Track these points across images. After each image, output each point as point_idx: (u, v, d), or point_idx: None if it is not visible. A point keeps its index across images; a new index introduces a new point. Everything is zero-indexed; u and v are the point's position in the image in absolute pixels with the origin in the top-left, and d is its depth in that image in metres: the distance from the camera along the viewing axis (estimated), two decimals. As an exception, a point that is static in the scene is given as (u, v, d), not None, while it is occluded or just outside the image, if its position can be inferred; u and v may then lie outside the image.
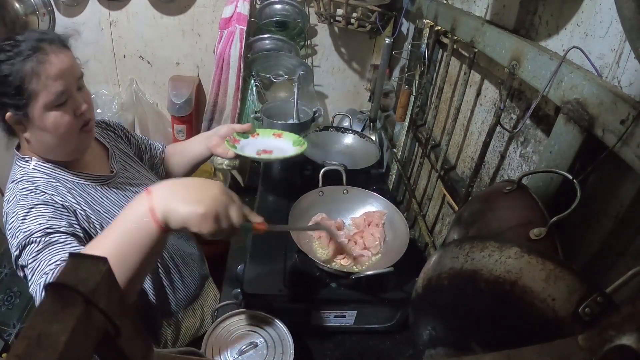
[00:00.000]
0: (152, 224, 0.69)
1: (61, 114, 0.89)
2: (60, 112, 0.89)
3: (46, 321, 0.30)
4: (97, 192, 1.02)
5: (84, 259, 0.35)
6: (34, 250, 0.82)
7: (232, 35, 1.98)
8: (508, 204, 0.72)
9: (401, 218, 1.21)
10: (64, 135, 0.92)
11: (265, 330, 0.97)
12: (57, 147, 0.94)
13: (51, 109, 0.88)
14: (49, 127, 0.89)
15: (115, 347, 0.36)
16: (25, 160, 0.96)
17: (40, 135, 0.91)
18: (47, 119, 0.88)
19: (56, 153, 0.96)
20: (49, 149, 0.94)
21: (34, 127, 0.90)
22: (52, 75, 0.86)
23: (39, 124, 0.89)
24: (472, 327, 0.59)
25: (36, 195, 0.89)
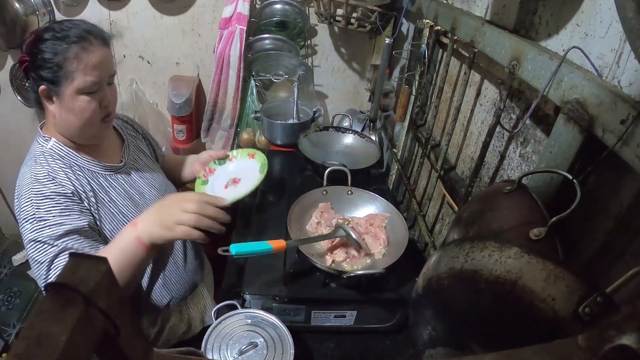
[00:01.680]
0: (141, 248, 0.92)
1: (89, 101, 0.98)
2: (89, 98, 0.98)
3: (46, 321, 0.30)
4: (105, 181, 1.08)
5: (84, 259, 0.35)
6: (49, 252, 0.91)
7: (232, 35, 1.98)
8: (508, 204, 0.72)
9: (401, 219, 1.21)
10: (87, 121, 1.00)
11: (265, 330, 0.97)
12: (78, 130, 1.02)
13: (82, 93, 0.96)
14: (76, 109, 0.97)
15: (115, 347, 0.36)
16: (45, 140, 1.03)
17: (66, 114, 0.99)
18: (76, 101, 0.97)
19: (76, 135, 1.03)
20: (70, 129, 1.02)
21: (62, 106, 0.97)
22: (90, 64, 0.95)
23: (68, 104, 0.97)
24: (472, 327, 0.59)
25: (49, 184, 0.96)
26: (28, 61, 0.97)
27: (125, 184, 1.12)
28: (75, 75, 0.94)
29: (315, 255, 1.11)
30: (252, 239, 1.22)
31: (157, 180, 1.24)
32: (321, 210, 1.28)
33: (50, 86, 0.95)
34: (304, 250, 1.09)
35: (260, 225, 1.32)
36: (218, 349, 0.92)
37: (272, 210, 1.39)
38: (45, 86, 0.95)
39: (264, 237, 1.08)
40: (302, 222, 1.25)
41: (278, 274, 1.11)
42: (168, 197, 1.00)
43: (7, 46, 2.08)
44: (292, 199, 1.28)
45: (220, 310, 1.05)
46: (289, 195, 1.44)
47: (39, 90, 0.96)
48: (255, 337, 0.95)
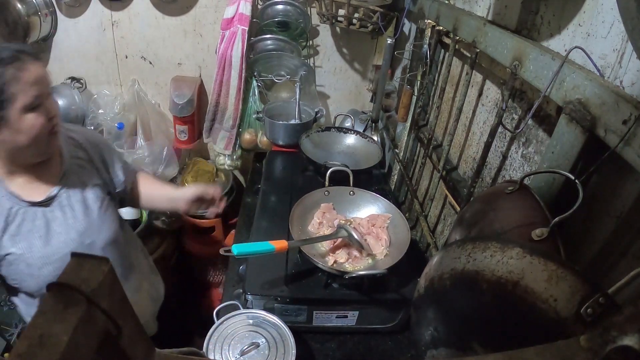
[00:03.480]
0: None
1: (36, 116, 0.96)
2: (35, 114, 0.96)
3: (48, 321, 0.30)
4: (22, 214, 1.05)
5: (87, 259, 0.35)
6: None
7: (234, 35, 1.98)
8: (510, 205, 0.72)
9: (403, 220, 1.21)
10: (36, 137, 0.97)
11: (267, 330, 0.97)
12: (27, 148, 0.99)
13: (27, 111, 0.94)
14: (25, 127, 0.95)
15: (116, 347, 0.36)
16: None
17: (15, 136, 0.96)
18: (23, 120, 0.94)
19: (25, 154, 1.01)
20: (19, 150, 0.99)
21: (9, 129, 0.94)
22: (30, 81, 0.94)
23: (15, 125, 0.94)
24: (474, 328, 0.59)
25: None
26: None
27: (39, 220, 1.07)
28: (18, 96, 0.92)
29: (317, 256, 1.11)
30: (254, 239, 1.22)
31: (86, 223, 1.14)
32: (323, 210, 1.28)
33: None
34: (306, 251, 1.09)
35: (262, 226, 1.32)
36: (220, 349, 0.92)
37: (274, 211, 1.39)
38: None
39: (266, 237, 1.08)
40: (304, 222, 1.25)
41: (280, 275, 1.11)
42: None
43: (10, 47, 2.09)
44: (294, 200, 1.28)
45: (222, 311, 1.06)
46: (290, 195, 1.44)
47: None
48: (257, 337, 0.95)
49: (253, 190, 1.74)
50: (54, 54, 2.23)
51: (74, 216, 1.12)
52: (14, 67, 0.92)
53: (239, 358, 0.91)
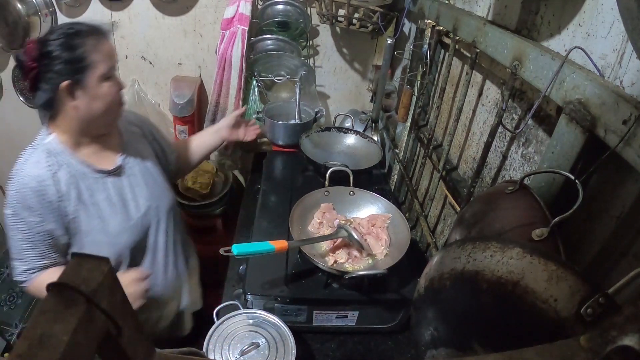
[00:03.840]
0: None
1: (111, 85, 1.07)
2: (111, 83, 1.07)
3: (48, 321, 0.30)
4: (94, 184, 1.11)
5: (87, 259, 0.35)
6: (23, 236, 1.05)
7: (234, 35, 1.98)
8: (510, 205, 0.72)
9: (403, 220, 1.21)
10: (110, 104, 1.08)
11: (267, 330, 0.97)
12: (101, 115, 1.08)
13: (104, 80, 1.05)
14: (102, 94, 1.05)
15: (117, 347, 0.36)
16: (46, 134, 1.08)
17: (91, 103, 1.05)
18: (100, 87, 1.05)
19: (97, 121, 1.09)
20: (93, 116, 1.07)
21: (87, 95, 1.04)
22: (107, 53, 1.06)
23: (93, 92, 1.04)
24: (474, 328, 0.59)
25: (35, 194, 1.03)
26: (36, 67, 0.99)
27: (111, 190, 1.14)
28: (97, 64, 1.02)
29: (317, 256, 1.11)
30: (254, 239, 1.22)
31: (150, 189, 1.23)
32: (323, 210, 1.28)
33: (74, 78, 1.00)
34: (306, 251, 1.09)
35: (262, 226, 1.32)
36: (220, 349, 0.92)
37: (274, 211, 1.39)
38: (68, 81, 0.99)
39: (266, 237, 1.09)
40: (304, 222, 1.25)
41: (280, 275, 1.11)
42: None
43: (9, 47, 2.09)
44: (294, 200, 1.28)
45: (222, 311, 1.06)
46: (291, 195, 1.44)
47: (61, 87, 0.99)
48: (257, 337, 0.96)
49: (253, 190, 1.74)
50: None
51: (139, 183, 1.22)
52: (94, 39, 1.03)
53: (239, 358, 0.91)
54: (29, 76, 1.01)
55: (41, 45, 1.00)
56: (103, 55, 1.04)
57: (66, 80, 0.99)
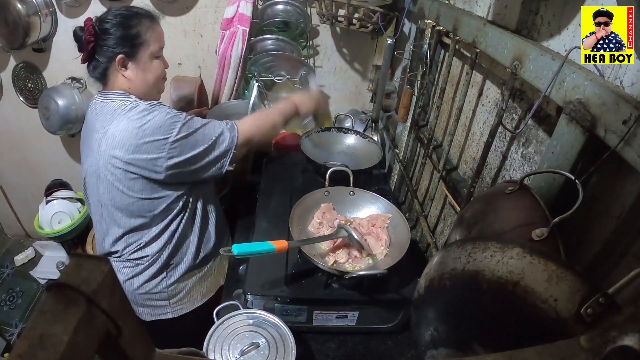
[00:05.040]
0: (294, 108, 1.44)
1: (159, 62, 1.29)
2: (159, 61, 1.29)
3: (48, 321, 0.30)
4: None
5: (87, 259, 0.35)
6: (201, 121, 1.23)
7: (234, 35, 1.98)
8: (510, 205, 0.72)
9: (403, 220, 1.21)
10: (159, 77, 1.30)
11: (267, 330, 0.97)
12: (151, 86, 1.29)
13: (154, 57, 1.26)
14: (152, 69, 1.27)
15: (117, 347, 0.36)
16: (125, 95, 1.22)
17: (143, 75, 1.25)
18: (151, 64, 1.26)
19: (147, 91, 1.28)
20: (144, 86, 1.27)
21: (138, 68, 1.23)
22: (159, 33, 1.27)
23: (144, 66, 1.24)
24: (474, 328, 0.59)
25: (164, 107, 1.20)
26: (94, 41, 1.17)
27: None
28: (150, 43, 1.22)
29: (317, 256, 1.11)
30: (254, 239, 1.22)
31: None
32: (323, 210, 1.28)
33: (128, 52, 1.19)
34: (306, 251, 1.09)
35: (262, 226, 1.32)
36: (220, 350, 0.92)
37: (274, 211, 1.39)
38: (122, 55, 1.18)
39: (266, 237, 1.08)
40: (304, 222, 1.25)
41: (280, 275, 1.11)
42: (304, 92, 1.60)
43: (10, 47, 2.09)
44: (294, 200, 1.28)
45: (222, 311, 1.06)
46: (290, 195, 1.44)
47: (117, 59, 1.18)
48: (257, 337, 0.95)
49: (253, 190, 1.74)
50: (53, 54, 2.24)
51: None
52: (149, 20, 1.22)
53: (239, 358, 0.91)
54: (87, 49, 1.18)
55: (100, 22, 1.17)
56: (156, 35, 1.23)
57: (121, 54, 1.18)
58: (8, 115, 2.45)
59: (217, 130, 1.23)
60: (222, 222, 1.54)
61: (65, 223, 2.23)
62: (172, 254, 1.33)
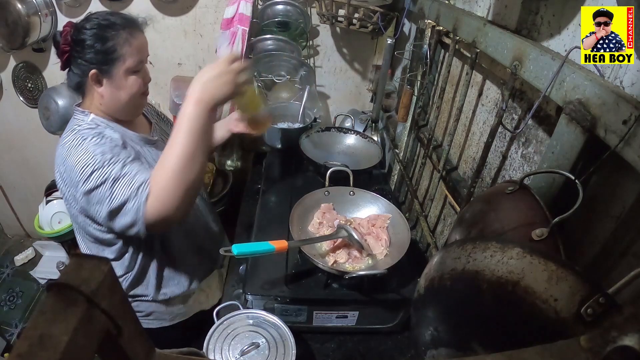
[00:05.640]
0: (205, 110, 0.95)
1: (136, 79, 1.12)
2: (136, 77, 1.11)
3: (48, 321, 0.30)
4: (140, 149, 1.17)
5: (87, 259, 0.35)
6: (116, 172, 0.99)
7: (234, 35, 1.98)
8: (510, 205, 0.72)
9: (403, 220, 1.21)
10: (134, 95, 1.12)
11: (267, 330, 0.97)
12: (125, 104, 1.13)
13: (130, 73, 1.10)
14: (126, 86, 1.10)
15: (117, 347, 0.36)
16: (84, 114, 1.11)
17: (116, 92, 1.10)
18: (126, 80, 1.10)
19: (121, 109, 1.14)
20: (118, 104, 1.12)
21: (111, 85, 1.09)
22: (137, 47, 1.09)
23: (118, 83, 1.09)
24: (474, 328, 0.59)
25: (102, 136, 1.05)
26: (69, 51, 1.07)
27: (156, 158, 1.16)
28: (126, 58, 1.07)
29: (317, 256, 1.11)
30: (254, 239, 1.22)
31: None
32: (323, 210, 1.28)
33: (102, 68, 1.06)
34: (306, 251, 1.09)
35: (262, 226, 1.32)
36: (220, 350, 0.92)
37: (274, 211, 1.39)
38: (95, 70, 1.06)
39: (266, 237, 1.08)
40: (304, 222, 1.25)
41: (280, 275, 1.12)
42: (202, 72, 0.99)
43: (10, 47, 2.09)
44: (294, 200, 1.28)
45: (222, 311, 1.06)
46: (290, 195, 1.44)
47: (90, 75, 1.06)
48: (257, 337, 0.96)
49: (253, 190, 1.74)
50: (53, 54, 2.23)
51: None
52: (127, 32, 1.07)
53: (239, 358, 0.91)
54: (62, 58, 1.10)
55: (76, 32, 1.06)
56: (133, 49, 1.08)
57: (94, 69, 1.06)
58: (8, 115, 2.45)
59: (122, 197, 0.96)
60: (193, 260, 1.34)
61: (65, 223, 2.23)
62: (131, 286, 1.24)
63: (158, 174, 0.95)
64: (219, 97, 0.97)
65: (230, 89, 0.98)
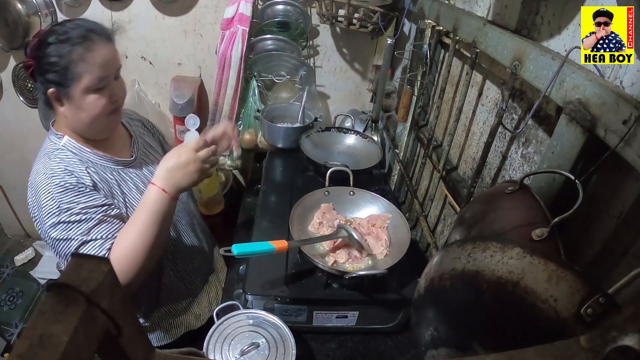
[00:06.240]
0: (167, 198, 0.98)
1: (98, 98, 1.00)
2: (98, 95, 1.00)
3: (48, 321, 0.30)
4: (118, 175, 1.11)
5: (87, 259, 0.35)
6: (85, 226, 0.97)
7: (234, 35, 1.98)
8: (510, 205, 0.72)
9: (403, 220, 1.21)
10: (96, 117, 1.02)
11: (267, 330, 0.97)
12: (88, 126, 1.04)
13: (90, 92, 0.99)
14: (86, 107, 1.00)
15: (117, 347, 0.36)
16: (57, 137, 1.06)
17: (76, 113, 1.01)
18: (85, 100, 0.99)
19: (86, 130, 1.06)
20: (81, 125, 1.04)
21: (72, 105, 1.00)
22: (96, 63, 0.97)
23: (78, 103, 0.99)
24: (474, 328, 0.59)
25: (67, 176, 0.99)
26: (34, 65, 0.99)
27: (136, 178, 1.15)
28: (82, 76, 0.96)
29: (317, 256, 1.11)
30: (254, 239, 1.22)
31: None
32: (323, 210, 1.28)
33: (59, 88, 0.97)
34: (306, 251, 1.09)
35: (262, 226, 1.32)
36: (220, 350, 0.92)
37: (274, 211, 1.39)
38: (54, 89, 0.97)
39: (266, 237, 1.08)
40: (304, 222, 1.25)
41: (280, 275, 1.11)
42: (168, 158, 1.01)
43: (10, 47, 2.09)
44: (294, 200, 1.28)
45: (222, 311, 1.06)
46: (291, 195, 1.44)
47: (48, 93, 0.98)
48: (257, 337, 0.96)
49: (253, 190, 1.75)
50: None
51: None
52: (83, 47, 0.95)
53: (239, 358, 0.91)
54: (28, 72, 1.02)
55: (39, 45, 0.97)
56: (91, 65, 0.96)
57: (52, 88, 0.97)
58: (8, 115, 2.45)
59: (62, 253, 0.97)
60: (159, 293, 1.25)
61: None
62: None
63: (117, 245, 0.97)
64: (183, 187, 1.01)
65: (195, 179, 1.01)
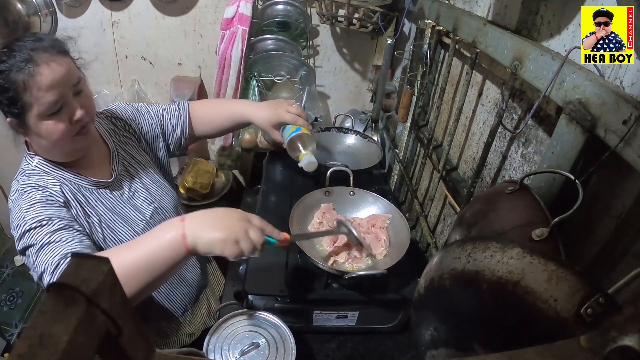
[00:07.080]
0: (181, 247, 0.80)
1: (54, 123, 0.91)
2: (54, 120, 0.91)
3: (48, 321, 0.30)
4: (92, 195, 1.04)
5: (87, 259, 0.35)
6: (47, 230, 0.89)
7: (233, 35, 1.98)
8: (510, 205, 0.72)
9: (402, 220, 1.21)
10: (57, 142, 0.94)
11: (267, 330, 0.97)
12: (53, 150, 0.98)
13: (45, 118, 0.90)
14: (43, 134, 0.92)
15: (117, 347, 0.36)
16: (30, 157, 1.01)
17: (37, 140, 0.95)
18: (41, 127, 0.91)
19: (54, 155, 1.00)
20: (46, 151, 0.99)
21: (31, 133, 0.93)
22: (43, 87, 0.86)
23: (35, 131, 0.92)
24: (474, 328, 0.59)
25: (37, 193, 0.94)
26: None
27: (114, 199, 1.07)
28: (32, 104, 0.87)
29: (317, 256, 1.11)
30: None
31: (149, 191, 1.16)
32: (323, 210, 1.28)
33: (12, 119, 0.91)
34: (306, 251, 1.09)
35: (262, 226, 1.32)
36: (220, 350, 0.92)
37: (274, 211, 1.39)
38: (9, 118, 0.91)
39: (266, 237, 1.08)
40: (304, 222, 1.25)
41: (280, 275, 1.11)
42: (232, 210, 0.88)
43: (10, 47, 2.09)
44: (294, 200, 1.28)
45: (222, 311, 1.06)
46: (291, 195, 1.44)
47: (7, 122, 0.92)
48: (256, 337, 0.95)
49: (253, 190, 1.75)
50: (54, 54, 2.23)
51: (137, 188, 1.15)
52: (25, 73, 0.85)
53: (239, 358, 0.91)
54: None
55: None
56: (39, 91, 0.86)
57: (8, 117, 0.91)
58: (8, 115, 2.45)
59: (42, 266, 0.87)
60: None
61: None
62: None
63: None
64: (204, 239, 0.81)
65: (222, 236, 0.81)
